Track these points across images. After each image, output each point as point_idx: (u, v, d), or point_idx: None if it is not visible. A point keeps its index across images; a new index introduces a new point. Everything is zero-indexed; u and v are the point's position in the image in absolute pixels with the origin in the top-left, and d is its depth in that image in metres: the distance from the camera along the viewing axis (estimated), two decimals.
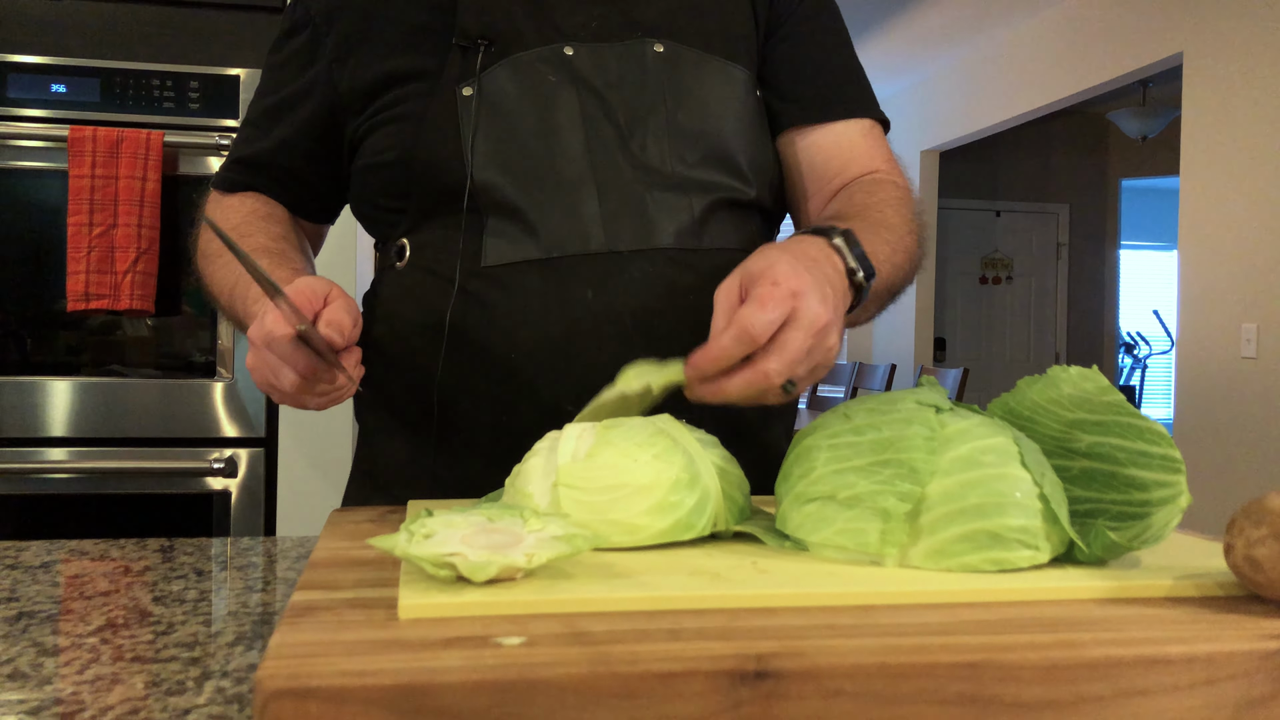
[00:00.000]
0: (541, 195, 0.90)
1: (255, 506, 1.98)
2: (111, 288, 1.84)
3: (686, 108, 0.95)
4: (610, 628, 0.47)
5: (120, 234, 1.85)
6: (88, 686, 0.51)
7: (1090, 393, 0.63)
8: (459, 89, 0.91)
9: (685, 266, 0.91)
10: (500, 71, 0.92)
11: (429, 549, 0.51)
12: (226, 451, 1.96)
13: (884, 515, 0.57)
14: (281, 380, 0.76)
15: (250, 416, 1.98)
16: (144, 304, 1.86)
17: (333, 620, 0.48)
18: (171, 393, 1.96)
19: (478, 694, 0.41)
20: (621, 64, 0.94)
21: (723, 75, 0.98)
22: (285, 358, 0.75)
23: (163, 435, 1.95)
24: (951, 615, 0.50)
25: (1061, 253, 7.34)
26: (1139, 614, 0.51)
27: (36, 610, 0.65)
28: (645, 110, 0.93)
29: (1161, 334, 9.01)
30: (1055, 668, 0.45)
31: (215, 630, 0.61)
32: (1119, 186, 7.33)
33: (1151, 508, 0.60)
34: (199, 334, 1.99)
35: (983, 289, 7.35)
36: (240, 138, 1.06)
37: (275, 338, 0.75)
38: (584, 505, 0.58)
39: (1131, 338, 8.50)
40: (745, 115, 0.98)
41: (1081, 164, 7.27)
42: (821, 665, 0.43)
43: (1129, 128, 6.06)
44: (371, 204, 0.99)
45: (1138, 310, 8.77)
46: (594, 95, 0.93)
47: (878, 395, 0.63)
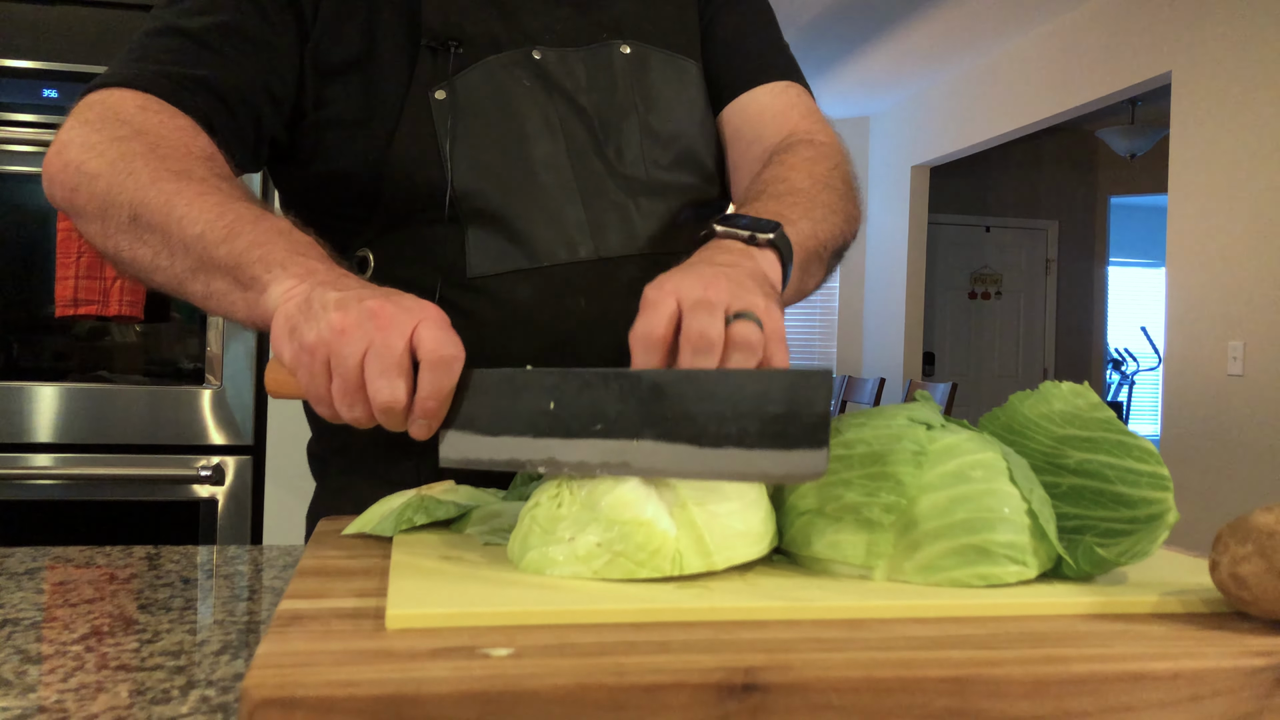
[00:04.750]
0: (523, 202, 0.89)
1: (242, 515, 1.98)
2: (100, 294, 1.83)
3: (657, 111, 0.95)
4: (598, 639, 0.47)
5: None
6: (72, 695, 0.51)
7: (1081, 409, 0.64)
8: (431, 92, 0.89)
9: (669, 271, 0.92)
10: (472, 75, 0.90)
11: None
12: (214, 459, 1.96)
13: (869, 527, 0.58)
14: (384, 391, 0.60)
15: (238, 424, 1.97)
16: (133, 310, 1.85)
17: (320, 630, 0.48)
18: (159, 400, 1.95)
19: (464, 705, 0.41)
20: (590, 67, 0.94)
21: (683, 73, 0.99)
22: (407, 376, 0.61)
23: (150, 442, 1.94)
24: (939, 630, 0.50)
25: (1050, 269, 7.38)
26: (1125, 630, 0.51)
27: (21, 617, 0.64)
28: (618, 115, 0.94)
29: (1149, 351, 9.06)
30: (1041, 683, 0.45)
31: (201, 639, 0.61)
32: (1108, 203, 7.37)
33: (1139, 525, 0.61)
34: (187, 341, 1.99)
35: (972, 304, 7.38)
36: (170, 45, 0.86)
37: (455, 360, 0.61)
38: (716, 517, 0.57)
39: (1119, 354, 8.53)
40: (704, 113, 0.99)
41: (1071, 181, 7.32)
42: (809, 679, 0.43)
43: (1118, 145, 6.10)
44: (325, 212, 0.92)
45: (1125, 327, 8.82)
46: (566, 100, 0.92)
47: (870, 410, 0.63)
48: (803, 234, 0.82)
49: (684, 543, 0.56)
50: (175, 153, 0.79)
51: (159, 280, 0.78)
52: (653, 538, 0.56)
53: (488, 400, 0.63)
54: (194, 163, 0.79)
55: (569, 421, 0.60)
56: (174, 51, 0.86)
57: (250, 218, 0.73)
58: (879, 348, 6.85)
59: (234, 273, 0.71)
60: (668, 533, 0.56)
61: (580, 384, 0.60)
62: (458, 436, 0.64)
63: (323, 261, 0.70)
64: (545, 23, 0.94)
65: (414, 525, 0.69)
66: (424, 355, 0.60)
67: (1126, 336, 8.94)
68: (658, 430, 0.57)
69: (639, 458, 0.58)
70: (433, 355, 0.60)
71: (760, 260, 0.75)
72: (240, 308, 0.72)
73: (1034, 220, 7.35)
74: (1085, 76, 4.86)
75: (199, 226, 0.73)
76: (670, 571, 0.56)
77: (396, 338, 0.60)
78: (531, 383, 0.62)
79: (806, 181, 0.88)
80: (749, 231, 0.76)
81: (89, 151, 0.79)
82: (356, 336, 0.60)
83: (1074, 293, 7.42)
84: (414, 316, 0.61)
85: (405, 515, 0.69)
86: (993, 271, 7.37)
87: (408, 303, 0.63)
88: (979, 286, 7.38)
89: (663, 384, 0.58)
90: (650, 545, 0.56)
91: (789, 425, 0.55)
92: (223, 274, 0.72)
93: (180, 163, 0.78)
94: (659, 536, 0.56)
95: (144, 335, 1.98)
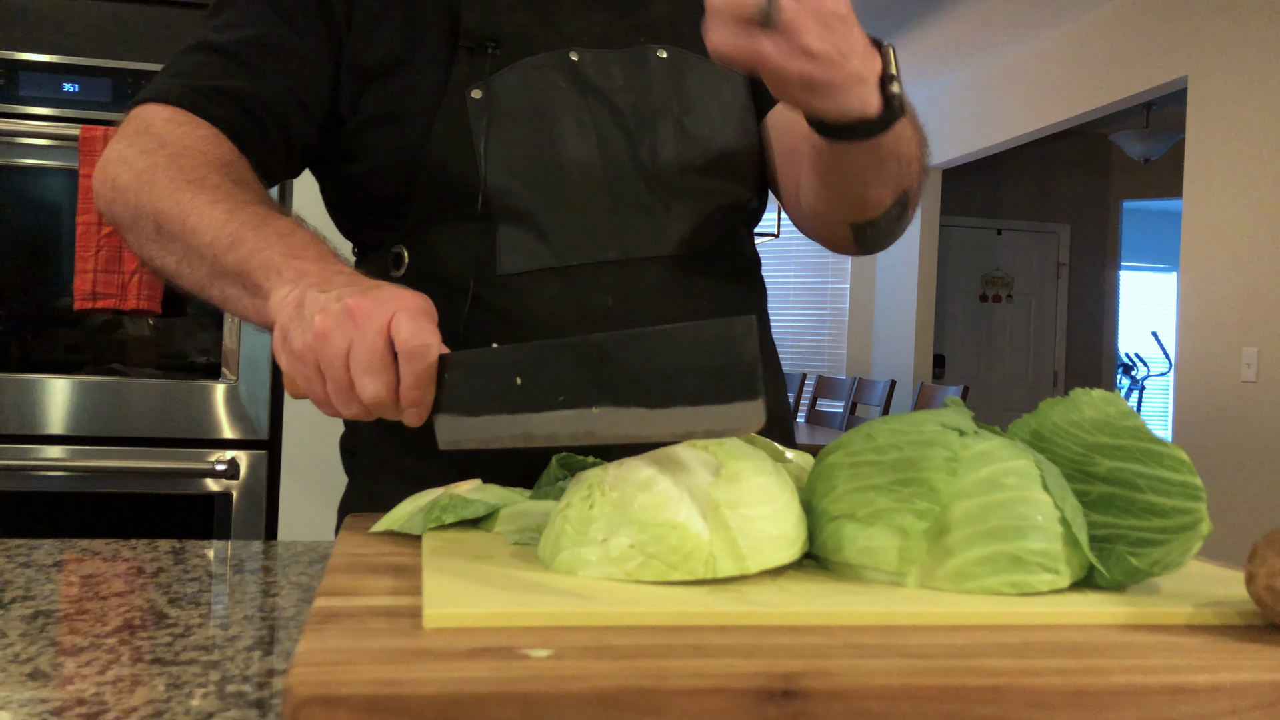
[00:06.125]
0: (554, 201, 0.90)
1: (256, 509, 1.98)
2: (119, 287, 1.84)
3: (692, 114, 0.95)
4: (635, 642, 0.47)
5: None
6: (109, 688, 0.51)
7: (1112, 416, 0.64)
8: (467, 91, 0.90)
9: (698, 272, 0.92)
10: (509, 75, 0.91)
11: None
12: (228, 453, 1.96)
13: (902, 533, 0.57)
14: (368, 388, 0.62)
15: (253, 419, 1.98)
16: (150, 304, 1.86)
17: (357, 628, 0.48)
18: (174, 393, 1.96)
19: (506, 706, 0.41)
20: (626, 70, 0.95)
21: (721, 78, 0.98)
22: (390, 370, 0.63)
23: (165, 436, 1.95)
24: (974, 638, 0.50)
25: (1062, 272, 7.36)
26: (1161, 641, 0.51)
27: (53, 609, 0.65)
28: (652, 116, 0.94)
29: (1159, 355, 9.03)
30: (1081, 694, 0.45)
31: (231, 634, 0.61)
32: (1120, 207, 7.35)
33: (1170, 534, 0.61)
34: (203, 335, 1.99)
35: (983, 307, 7.36)
36: (202, 61, 0.89)
37: (427, 348, 0.63)
38: (750, 521, 0.57)
39: (1129, 359, 8.51)
40: (743, 118, 0.99)
41: (1083, 184, 7.30)
42: (849, 686, 0.43)
43: (1132, 149, 6.08)
44: (365, 209, 0.95)
45: (1136, 331, 8.79)
46: (602, 101, 0.93)
47: (902, 415, 0.63)
48: (909, 117, 0.80)
49: (717, 546, 0.56)
50: (193, 162, 0.82)
51: (186, 286, 0.81)
52: (686, 540, 0.56)
53: (467, 381, 0.64)
54: (209, 171, 0.81)
55: (535, 395, 0.61)
56: (204, 66, 0.89)
57: (254, 223, 0.75)
58: (889, 350, 6.84)
59: (241, 280, 0.74)
60: (701, 535, 0.56)
61: (538, 357, 0.61)
62: (448, 420, 0.65)
63: (318, 261, 0.72)
64: (582, 25, 0.95)
65: (442, 523, 0.70)
66: (399, 346, 0.63)
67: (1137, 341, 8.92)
68: (612, 396, 0.58)
69: (600, 425, 0.59)
70: (406, 346, 0.62)
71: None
72: (252, 313, 0.76)
73: (1046, 224, 7.33)
74: (1100, 80, 4.85)
75: (209, 235, 0.76)
76: (703, 574, 0.56)
77: (374, 334, 0.62)
78: (498, 360, 0.63)
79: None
80: (894, 75, 0.75)
81: (121, 165, 0.83)
82: (337, 338, 0.63)
83: (1085, 297, 7.40)
84: (388, 309, 0.63)
85: (434, 513, 0.70)
86: (1004, 274, 7.36)
87: (385, 294, 0.64)
88: (990, 289, 7.36)
89: (606, 348, 0.59)
90: (684, 548, 0.56)
91: (722, 379, 0.55)
92: (232, 281, 0.75)
93: (196, 171, 0.81)
94: (692, 539, 0.56)
95: (160, 329, 1.99)
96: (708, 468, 0.59)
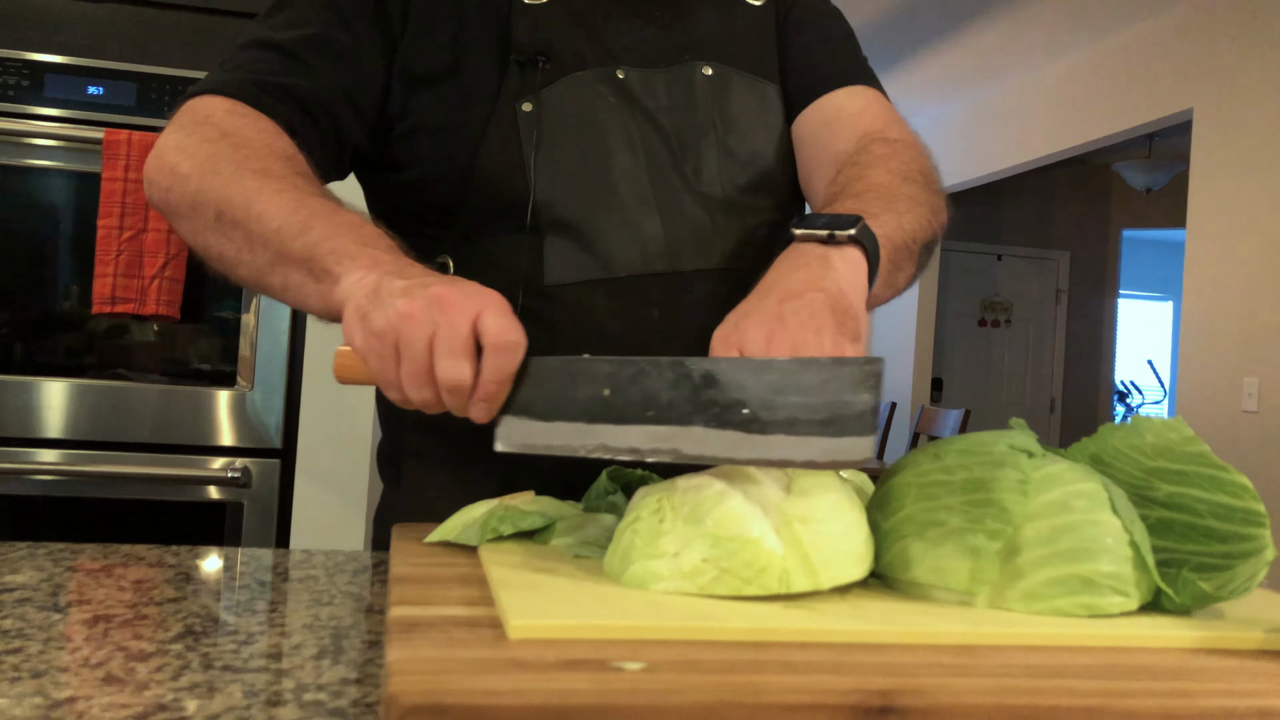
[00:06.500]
0: (602, 214, 0.90)
1: (267, 518, 1.97)
2: (138, 292, 1.84)
3: (735, 132, 0.96)
4: (723, 657, 0.47)
5: (150, 239, 1.85)
6: (186, 693, 0.51)
7: (1174, 442, 0.64)
8: (518, 105, 0.91)
9: (742, 288, 0.92)
10: (559, 89, 0.92)
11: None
12: (240, 461, 1.96)
13: (974, 553, 0.58)
14: (450, 371, 0.62)
15: (267, 427, 1.97)
16: (169, 310, 1.85)
17: (442, 638, 0.48)
18: (189, 400, 1.95)
19: (608, 718, 0.41)
20: (671, 88, 0.96)
21: (762, 96, 0.99)
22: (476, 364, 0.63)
23: (180, 442, 1.94)
24: (1053, 658, 0.50)
25: (1061, 299, 7.39)
26: (1239, 665, 0.51)
27: (112, 614, 0.65)
28: (696, 134, 0.95)
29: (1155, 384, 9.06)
30: (1170, 715, 0.45)
31: (295, 642, 0.61)
32: (1120, 236, 7.39)
33: (1232, 560, 0.61)
34: (221, 342, 1.99)
35: (981, 331, 7.38)
36: (260, 57, 0.89)
37: (518, 345, 0.63)
38: (823, 537, 0.57)
39: (1125, 386, 8.54)
40: (781, 136, 1.00)
41: (1084, 212, 7.33)
42: (943, 704, 0.43)
43: (1134, 179, 6.12)
44: (411, 217, 0.95)
45: (1132, 359, 8.83)
46: (647, 118, 0.94)
47: (966, 436, 0.63)
48: (887, 227, 0.81)
49: (791, 561, 0.56)
50: (257, 153, 0.82)
51: (242, 274, 0.80)
52: (760, 556, 0.56)
53: (545, 387, 0.64)
54: (274, 162, 0.81)
55: (622, 408, 0.61)
56: (262, 62, 0.89)
57: (324, 213, 0.76)
58: (889, 373, 6.86)
59: (308, 265, 0.74)
60: (775, 551, 0.56)
61: (635, 371, 0.62)
62: (514, 422, 0.65)
63: (390, 253, 0.72)
64: (629, 42, 0.95)
65: (500, 535, 0.70)
66: (488, 340, 0.62)
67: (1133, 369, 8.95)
68: (708, 417, 0.59)
69: (688, 444, 0.59)
70: (497, 340, 0.62)
71: (840, 265, 0.74)
72: (314, 299, 0.75)
73: (1046, 250, 7.36)
74: (1104, 111, 4.88)
75: (276, 222, 0.76)
76: (777, 590, 0.56)
77: (462, 322, 0.62)
78: (588, 370, 0.63)
79: (885, 177, 0.88)
80: (827, 230, 0.76)
81: (181, 154, 0.82)
82: (423, 321, 0.62)
83: (1083, 323, 7.42)
84: (478, 303, 0.63)
85: (490, 525, 0.70)
86: (1003, 300, 7.38)
87: (471, 289, 0.65)
88: (989, 314, 7.38)
89: (716, 372, 0.59)
90: (758, 563, 0.56)
91: (838, 412, 0.55)
92: (298, 267, 0.75)
93: (261, 162, 0.81)
94: (766, 555, 0.56)
95: (178, 335, 1.99)
96: (778, 483, 0.60)
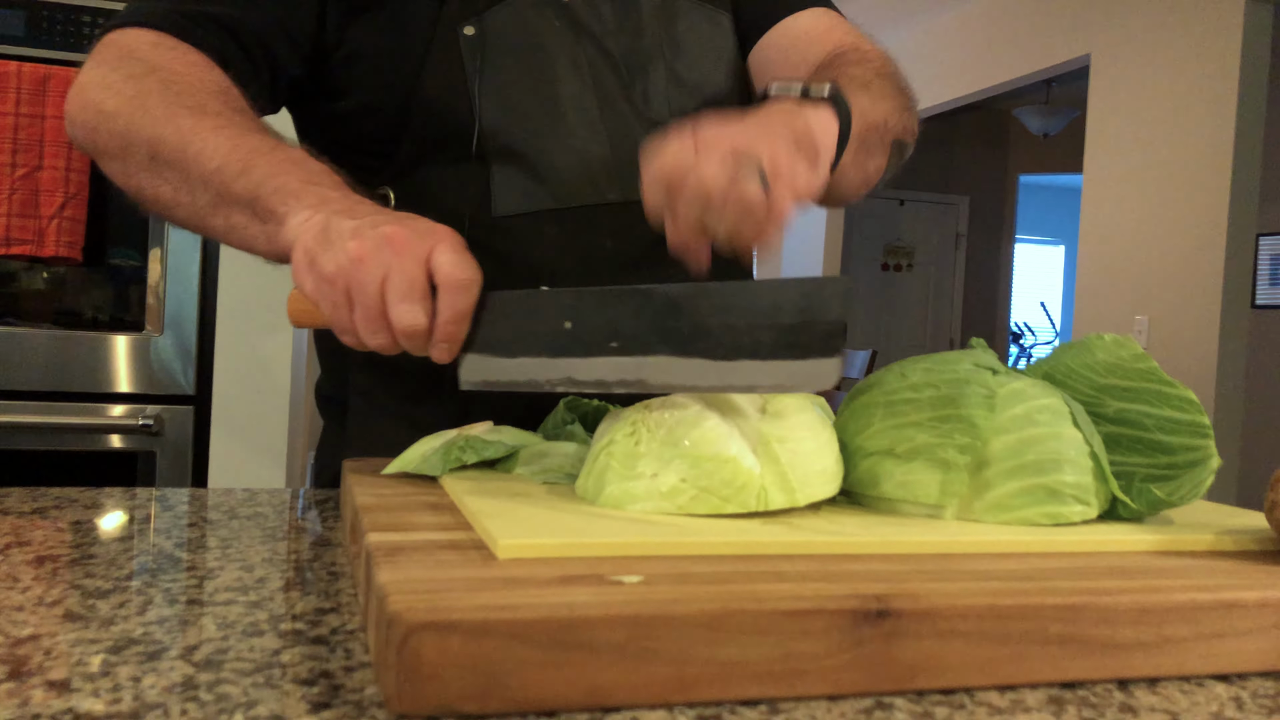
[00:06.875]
0: (550, 142, 0.88)
1: (182, 467, 1.91)
2: (35, 233, 1.74)
3: (683, 58, 0.95)
4: (715, 569, 0.47)
5: (46, 176, 1.75)
6: (157, 627, 0.49)
7: (1124, 359, 0.66)
8: (460, 28, 0.87)
9: None
10: (502, 13, 0.89)
11: None
12: (152, 409, 1.89)
13: (944, 467, 0.59)
14: (405, 316, 0.60)
15: (178, 374, 1.90)
16: (71, 251, 1.76)
17: (430, 560, 0.47)
18: (86, 345, 1.87)
19: (615, 628, 0.41)
20: (618, 12, 0.94)
21: (713, 22, 0.98)
22: (431, 300, 0.61)
23: (87, 390, 1.86)
24: (1026, 564, 0.52)
25: (960, 243, 7.58)
26: (1197, 564, 0.53)
27: (57, 554, 0.62)
28: (644, 60, 0.93)
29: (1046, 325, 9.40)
30: (1146, 611, 0.47)
31: (259, 576, 0.59)
32: (1017, 181, 7.59)
33: (1178, 470, 0.63)
34: (125, 286, 1.90)
35: (884, 275, 7.54)
36: None
37: (473, 283, 0.61)
38: (798, 456, 0.57)
39: (1018, 328, 8.83)
40: (732, 63, 0.98)
41: (983, 158, 7.51)
42: (938, 606, 0.44)
43: (1032, 125, 6.28)
44: (349, 149, 0.91)
45: (1025, 302, 9.13)
46: (593, 43, 0.92)
47: (930, 356, 0.64)
48: (861, 104, 0.79)
49: (769, 479, 0.57)
50: (189, 88, 0.78)
51: (181, 216, 0.77)
52: (738, 474, 0.56)
53: (505, 322, 0.63)
54: (208, 97, 0.78)
55: (586, 340, 0.61)
56: None
57: (265, 149, 0.72)
58: None
59: (252, 206, 0.70)
60: (752, 470, 0.56)
61: (596, 302, 0.61)
62: (477, 360, 0.64)
63: (337, 189, 0.70)
64: None
65: (462, 464, 0.68)
66: (441, 279, 0.61)
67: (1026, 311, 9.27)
68: (672, 345, 0.58)
69: (655, 374, 0.59)
70: (450, 278, 0.61)
71: (812, 117, 0.70)
72: (261, 241, 0.72)
73: (947, 195, 7.53)
74: (1005, 57, 4.98)
75: (215, 161, 0.72)
76: (755, 507, 0.56)
77: (413, 263, 0.60)
78: (548, 303, 0.62)
79: (858, 71, 0.86)
80: (802, 87, 0.74)
81: (106, 91, 0.78)
82: (374, 264, 0.60)
83: (981, 267, 7.64)
84: (429, 240, 0.62)
85: (453, 455, 0.68)
86: (905, 244, 7.54)
87: (422, 227, 0.63)
88: (892, 259, 7.54)
89: (677, 298, 0.59)
90: (736, 481, 0.56)
91: (803, 335, 0.55)
92: (241, 208, 0.72)
93: (195, 98, 0.77)
94: (745, 473, 0.56)
95: (81, 278, 1.89)
96: (752, 404, 0.60)
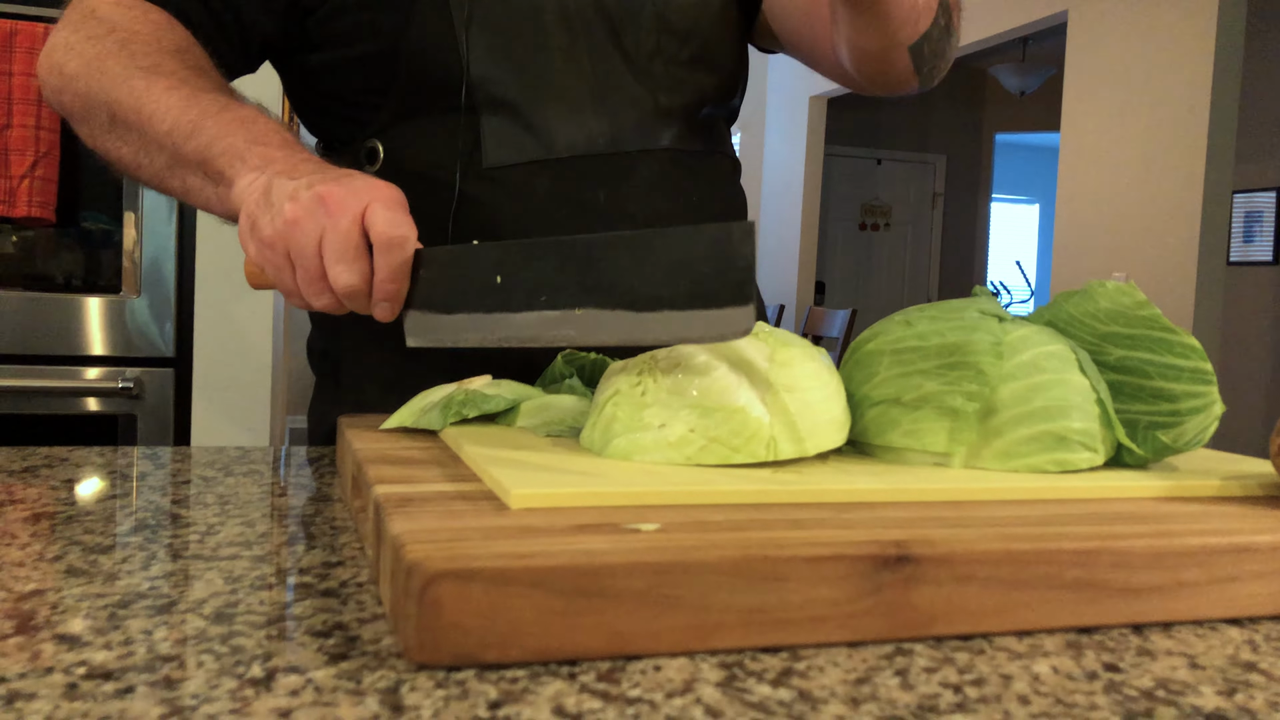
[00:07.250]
0: (541, 92, 0.87)
1: (163, 430, 1.89)
2: (7, 193, 1.71)
3: (675, 4, 0.93)
4: (730, 518, 0.47)
5: (15, 135, 1.71)
6: (163, 581, 0.48)
7: (1127, 306, 0.66)
8: None
9: (687, 168, 0.90)
10: None
11: None
12: (131, 371, 1.86)
13: (952, 414, 0.59)
14: (342, 276, 0.60)
15: (156, 336, 1.88)
16: (43, 211, 1.73)
17: (443, 510, 0.47)
18: (60, 308, 1.84)
19: (635, 575, 0.40)
20: None
21: None
22: (369, 261, 0.61)
23: (64, 354, 1.83)
24: (1039, 510, 0.52)
25: (937, 202, 7.59)
26: (1206, 510, 0.54)
27: (54, 511, 0.61)
28: (634, 8, 0.91)
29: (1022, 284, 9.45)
30: (1160, 555, 0.47)
31: (261, 531, 0.58)
32: (993, 140, 7.59)
33: (1180, 418, 0.63)
34: (102, 249, 1.87)
35: (862, 235, 7.54)
36: None
37: (405, 240, 0.61)
38: (807, 405, 0.57)
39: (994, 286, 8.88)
40: (726, 14, 0.97)
41: (960, 116, 7.50)
42: (957, 551, 0.44)
43: (1009, 83, 6.27)
44: (337, 100, 0.91)
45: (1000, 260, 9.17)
46: None
47: (936, 304, 0.64)
48: None
49: (778, 429, 0.56)
50: (146, 48, 0.78)
51: (145, 177, 0.79)
52: (748, 424, 0.56)
53: (441, 278, 0.62)
54: (164, 57, 0.77)
55: (515, 294, 0.60)
56: None
57: (214, 109, 0.72)
58: (774, 276, 6.95)
59: (203, 168, 0.71)
60: (762, 419, 0.56)
61: (521, 255, 0.60)
62: (419, 317, 0.64)
63: (284, 148, 0.69)
64: None
65: (463, 418, 0.68)
66: (375, 237, 0.60)
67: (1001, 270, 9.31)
68: (596, 298, 0.58)
69: (582, 328, 0.58)
70: (383, 237, 0.60)
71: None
72: (215, 203, 0.73)
73: (923, 154, 7.52)
74: (981, 14, 4.95)
75: (167, 123, 0.72)
76: (764, 457, 0.56)
77: (347, 222, 0.60)
78: (477, 257, 0.61)
79: None
80: None
81: (69, 53, 0.78)
82: (309, 226, 0.60)
83: (958, 226, 7.66)
84: (363, 198, 0.61)
85: (453, 408, 0.68)
86: (883, 204, 7.54)
87: (358, 184, 0.62)
88: (869, 218, 7.54)
89: (593, 249, 0.58)
90: (745, 431, 0.56)
91: (715, 284, 0.54)
92: (194, 170, 0.72)
93: (150, 58, 0.77)
94: (754, 423, 0.56)
95: (54, 239, 1.86)
96: (759, 353, 0.59)
